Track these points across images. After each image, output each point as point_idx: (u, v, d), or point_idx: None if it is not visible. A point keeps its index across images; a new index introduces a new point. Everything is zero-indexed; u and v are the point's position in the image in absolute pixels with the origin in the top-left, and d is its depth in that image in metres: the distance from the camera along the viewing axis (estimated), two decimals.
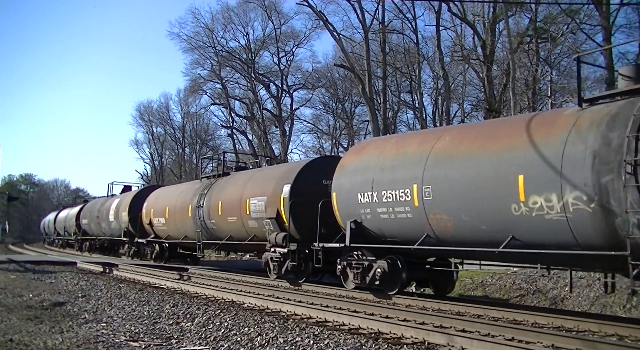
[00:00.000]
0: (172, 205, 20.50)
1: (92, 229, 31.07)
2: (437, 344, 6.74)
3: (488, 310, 9.39)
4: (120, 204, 26.38)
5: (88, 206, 33.66)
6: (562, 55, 26.55)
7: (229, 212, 16.35)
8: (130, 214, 24.22)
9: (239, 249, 19.36)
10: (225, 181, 17.83)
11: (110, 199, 29.97)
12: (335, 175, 12.12)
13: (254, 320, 8.39)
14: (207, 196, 17.82)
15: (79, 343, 6.99)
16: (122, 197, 27.93)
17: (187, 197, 19.59)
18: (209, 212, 17.47)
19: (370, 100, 30.10)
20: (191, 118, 58.39)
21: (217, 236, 17.40)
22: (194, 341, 7.32)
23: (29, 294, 11.81)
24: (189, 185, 21.90)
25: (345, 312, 8.91)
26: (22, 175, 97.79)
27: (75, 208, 37.46)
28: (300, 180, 13.79)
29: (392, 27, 34.40)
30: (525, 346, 6.28)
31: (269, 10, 43.14)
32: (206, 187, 18.37)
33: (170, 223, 20.64)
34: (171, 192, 22.41)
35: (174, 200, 20.70)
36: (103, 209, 28.85)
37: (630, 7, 23.76)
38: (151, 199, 23.24)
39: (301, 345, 6.76)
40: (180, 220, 19.74)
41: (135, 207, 23.92)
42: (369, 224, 11.09)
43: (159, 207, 21.80)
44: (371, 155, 11.57)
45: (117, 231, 26.22)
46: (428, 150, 10.03)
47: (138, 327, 8.30)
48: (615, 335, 7.50)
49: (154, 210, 22.05)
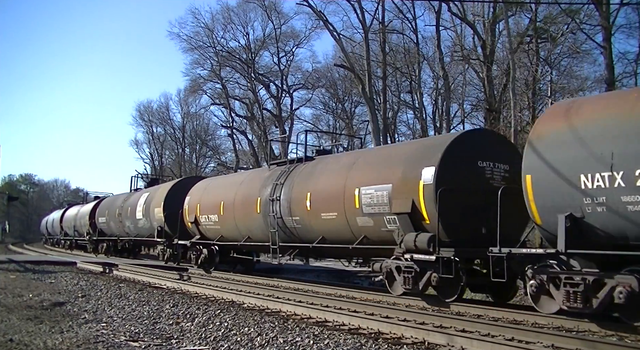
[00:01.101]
0: (230, 200, 16.37)
1: (111, 228, 27.57)
2: (437, 344, 6.74)
3: (488, 310, 9.38)
4: (151, 199, 22.38)
5: (106, 202, 29.90)
6: (562, 55, 26.55)
7: (323, 206, 12.55)
8: (166, 210, 20.33)
9: (334, 253, 14.36)
10: (312, 167, 13.87)
11: (134, 193, 26.28)
12: (528, 151, 8.48)
13: (254, 320, 8.40)
14: (285, 187, 13.97)
15: (79, 343, 6.99)
16: (152, 190, 23.70)
17: (252, 188, 15.62)
18: (290, 207, 13.62)
19: (370, 100, 30.07)
20: (191, 118, 58.43)
21: (302, 238, 13.64)
22: (194, 341, 7.31)
23: (29, 294, 11.81)
24: (254, 173, 17.90)
25: (345, 312, 8.92)
26: (22, 175, 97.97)
27: (87, 205, 33.96)
28: (449, 161, 10.13)
29: (392, 27, 34.37)
30: (525, 346, 6.28)
31: (269, 10, 43.15)
32: (282, 175, 14.41)
33: (226, 221, 16.53)
34: (226, 183, 18.13)
35: (231, 193, 16.47)
36: (126, 205, 25.13)
37: (630, 7, 23.74)
38: (196, 192, 18.88)
39: (301, 345, 6.76)
40: (242, 217, 15.77)
41: (173, 202, 19.86)
42: (599, 219, 7.54)
43: (208, 202, 17.59)
44: (599, 116, 7.94)
45: (147, 231, 22.68)
46: None
47: (138, 327, 8.30)
48: (615, 335, 7.50)
49: (201, 205, 17.87)
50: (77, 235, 34.74)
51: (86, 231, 31.29)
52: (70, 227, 36.59)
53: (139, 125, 64.15)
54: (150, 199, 22.48)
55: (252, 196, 15.34)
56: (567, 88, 25.63)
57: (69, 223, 37.04)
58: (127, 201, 25.55)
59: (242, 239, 15.99)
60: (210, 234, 17.68)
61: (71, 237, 36.80)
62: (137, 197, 24.59)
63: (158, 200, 21.37)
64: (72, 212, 36.82)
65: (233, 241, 16.62)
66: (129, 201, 25.30)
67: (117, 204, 26.98)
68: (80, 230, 33.47)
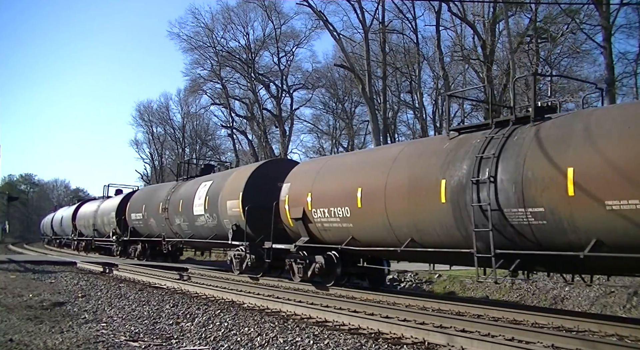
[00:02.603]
0: (374, 185, 11.08)
1: (150, 227, 22.69)
2: (437, 344, 6.73)
3: (488, 310, 9.39)
4: (218, 189, 16.95)
5: (141, 195, 25.22)
6: (562, 55, 26.58)
7: (606, 189, 7.39)
8: (246, 203, 15.06)
9: None
10: (561, 128, 8.43)
11: (185, 183, 21.11)
12: None
13: (254, 320, 8.40)
14: (506, 162, 8.74)
15: (79, 343, 6.99)
16: (217, 178, 18.16)
17: (424, 166, 10.25)
18: (522, 192, 8.36)
19: (370, 100, 30.09)
20: (191, 118, 58.55)
21: (544, 241, 8.30)
22: (194, 341, 7.31)
23: (29, 294, 11.81)
24: (417, 146, 11.81)
25: (345, 312, 8.91)
26: (22, 175, 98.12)
27: (112, 199, 29.12)
28: None
29: (392, 27, 34.42)
30: (525, 346, 6.28)
31: (269, 10, 43.21)
32: (489, 144, 9.17)
33: (367, 217, 11.24)
34: (359, 162, 12.57)
35: (377, 176, 11.11)
36: (175, 198, 20.23)
37: (630, 7, 23.79)
38: (301, 177, 13.71)
39: (301, 345, 6.76)
40: (403, 210, 10.38)
41: (256, 194, 15.08)
42: None
43: (328, 191, 12.42)
44: None
45: (209, 231, 17.70)
46: None
47: (138, 327, 8.30)
48: (615, 335, 7.50)
49: (314, 196, 12.67)
50: (98, 235, 29.64)
51: (112, 230, 26.46)
52: (87, 225, 31.50)
53: (139, 125, 64.41)
54: (217, 189, 17.09)
55: (426, 178, 10.08)
56: (567, 88, 25.66)
57: (85, 221, 32.06)
58: (175, 193, 20.66)
59: (401, 243, 10.46)
60: (329, 235, 12.54)
61: (89, 238, 31.61)
62: (191, 187, 19.49)
63: (233, 190, 15.93)
64: (90, 208, 31.90)
65: (377, 246, 11.31)
66: (178, 193, 20.27)
67: (159, 196, 22.06)
68: (103, 230, 28.63)
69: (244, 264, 15.55)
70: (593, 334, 7.69)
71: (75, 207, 36.04)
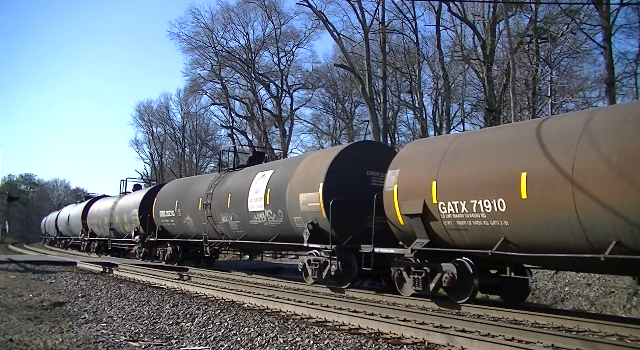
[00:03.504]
0: (545, 168, 8.21)
1: (186, 226, 19.56)
2: (437, 344, 6.73)
3: (488, 310, 9.39)
4: (286, 180, 14.07)
5: (170, 189, 21.77)
6: (562, 55, 26.57)
7: None
8: (328, 197, 12.29)
9: None
10: None
11: (231, 174, 17.86)
12: None
13: (254, 320, 8.40)
14: None
15: (79, 343, 6.99)
16: (280, 167, 15.37)
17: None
18: None
19: (370, 100, 30.07)
20: (191, 118, 58.55)
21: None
22: (194, 341, 7.31)
23: (29, 294, 11.81)
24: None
25: (345, 312, 8.91)
26: (22, 175, 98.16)
27: (132, 195, 26.32)
28: None
29: (392, 27, 34.39)
30: (525, 346, 6.28)
31: (269, 10, 43.20)
32: None
33: (544, 210, 8.19)
34: (518, 136, 9.16)
35: (552, 153, 8.17)
36: (221, 192, 17.09)
37: (630, 7, 23.76)
38: (416, 159, 10.89)
39: (301, 345, 6.76)
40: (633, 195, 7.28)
41: (342, 185, 12.48)
42: None
43: (461, 176, 9.60)
44: None
45: (270, 231, 14.91)
46: None
47: (138, 327, 8.30)
48: (615, 335, 7.50)
49: (441, 185, 9.84)
50: (114, 235, 26.93)
51: (133, 230, 23.43)
52: (101, 225, 28.83)
53: (139, 125, 64.38)
54: (283, 179, 14.28)
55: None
56: (567, 88, 25.66)
57: (98, 220, 29.40)
58: (219, 186, 17.58)
59: (595, 247, 7.68)
60: (463, 236, 9.63)
61: (103, 238, 28.94)
62: (243, 179, 16.47)
63: (308, 180, 13.11)
64: (105, 206, 28.80)
65: (547, 251, 8.41)
66: (225, 186, 17.23)
67: (197, 190, 19.04)
68: (120, 229, 25.85)
69: (324, 271, 12.77)
70: (593, 334, 7.69)
71: (86, 205, 33.14)
